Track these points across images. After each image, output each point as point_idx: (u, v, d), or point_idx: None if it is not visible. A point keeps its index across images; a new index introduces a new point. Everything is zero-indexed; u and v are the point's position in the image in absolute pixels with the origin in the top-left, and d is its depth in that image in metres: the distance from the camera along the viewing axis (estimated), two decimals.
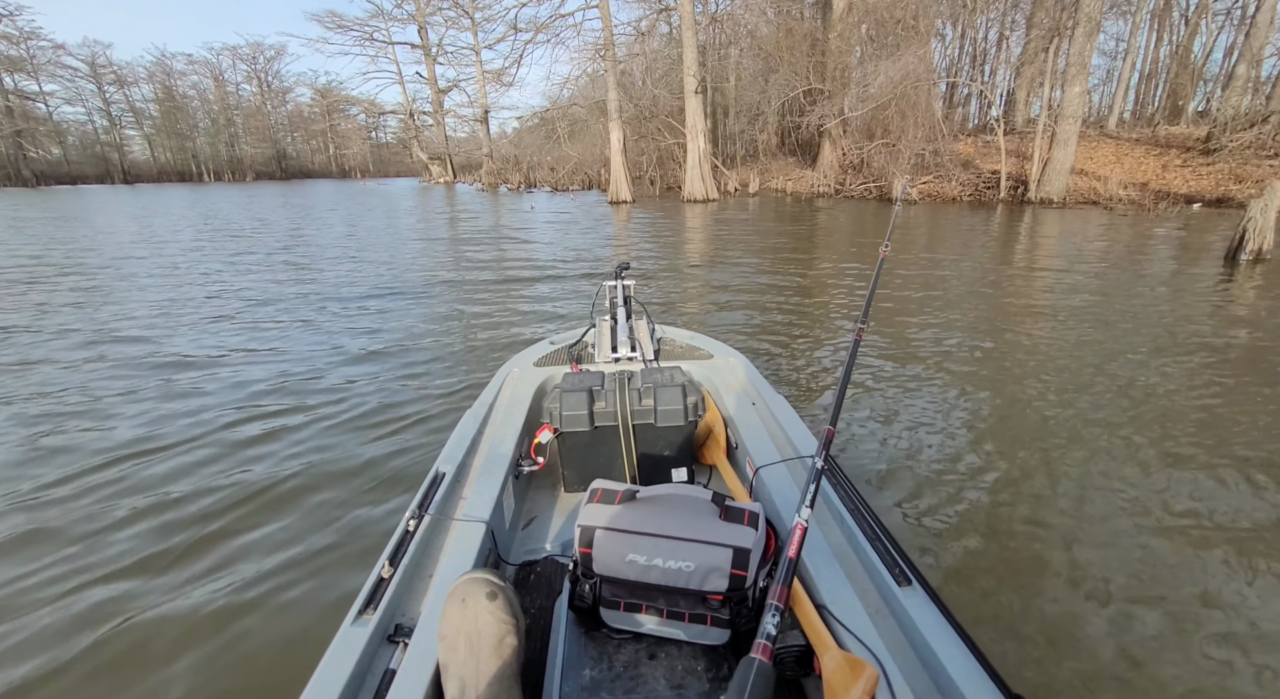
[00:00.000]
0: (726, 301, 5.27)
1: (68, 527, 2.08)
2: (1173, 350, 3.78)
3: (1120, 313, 4.69)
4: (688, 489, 1.12)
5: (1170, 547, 1.90)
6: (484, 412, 1.69)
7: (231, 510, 2.16)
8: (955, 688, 0.81)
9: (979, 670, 0.83)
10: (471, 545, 1.13)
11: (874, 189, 17.19)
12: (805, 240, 9.28)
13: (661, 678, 1.02)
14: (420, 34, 34.41)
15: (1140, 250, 7.78)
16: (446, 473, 1.35)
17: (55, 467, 2.49)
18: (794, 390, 3.27)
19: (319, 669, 0.86)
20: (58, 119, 42.69)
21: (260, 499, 2.23)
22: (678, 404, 1.58)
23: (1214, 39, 21.22)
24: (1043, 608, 1.66)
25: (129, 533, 2.04)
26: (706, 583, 0.99)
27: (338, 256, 8.26)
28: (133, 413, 3.01)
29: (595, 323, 2.24)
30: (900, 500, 2.18)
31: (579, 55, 23.48)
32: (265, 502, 2.21)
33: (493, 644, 0.86)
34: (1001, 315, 4.73)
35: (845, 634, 0.91)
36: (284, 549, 1.94)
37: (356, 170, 55.41)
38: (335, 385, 3.36)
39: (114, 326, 4.65)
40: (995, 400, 3.09)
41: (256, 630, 1.61)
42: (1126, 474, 2.34)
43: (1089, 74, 13.77)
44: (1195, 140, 15.31)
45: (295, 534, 2.02)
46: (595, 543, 1.04)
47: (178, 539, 2.00)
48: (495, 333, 4.41)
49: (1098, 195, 13.73)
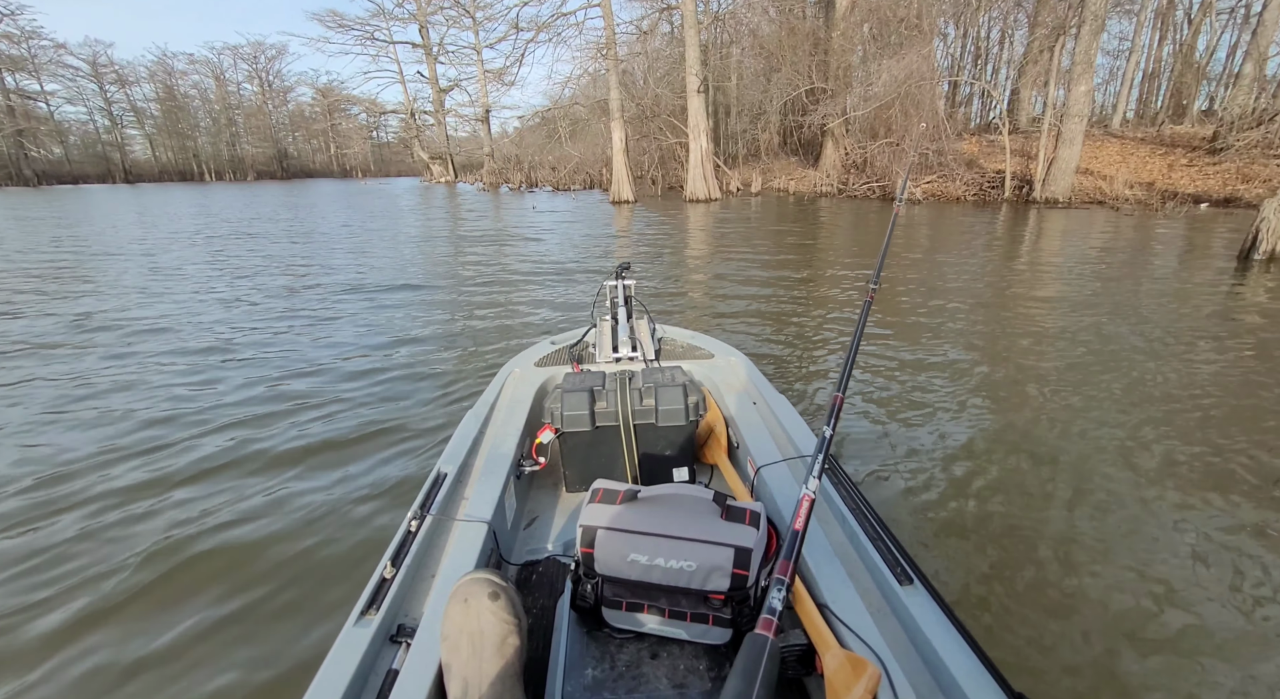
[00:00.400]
0: (730, 303, 5.27)
1: (65, 528, 2.09)
2: (1184, 350, 3.77)
3: (1131, 314, 4.67)
4: (689, 489, 1.13)
5: (1177, 548, 1.90)
6: (485, 412, 1.70)
7: (232, 510, 2.17)
8: (957, 687, 0.81)
9: (981, 669, 0.83)
10: (473, 546, 1.14)
11: (877, 189, 17.16)
12: (808, 240, 9.27)
13: (664, 677, 1.02)
14: (421, 33, 34.50)
15: (1150, 251, 7.73)
16: (448, 473, 1.35)
17: (33, 467, 2.51)
18: (795, 389, 3.27)
19: (322, 669, 0.86)
20: (59, 118, 42.93)
21: (261, 498, 2.24)
22: (679, 404, 1.59)
23: (1217, 38, 21.19)
24: (1045, 607, 1.67)
25: (130, 532, 2.05)
26: (708, 582, 1.00)
27: (342, 256, 8.29)
28: (121, 416, 3.03)
29: (596, 323, 2.25)
30: (902, 499, 2.19)
31: (581, 54, 23.48)
32: (266, 501, 2.23)
33: (495, 644, 0.87)
34: (1009, 315, 4.72)
35: (847, 633, 0.92)
36: (286, 549, 1.95)
37: (357, 170, 55.55)
38: (336, 385, 3.38)
39: (109, 321, 4.67)
40: (1000, 400, 3.09)
41: (258, 631, 1.62)
42: (1136, 476, 2.34)
43: (1095, 72, 13.73)
44: (1201, 139, 15.27)
45: (296, 534, 2.03)
46: (597, 543, 1.04)
47: (178, 539, 2.01)
48: (497, 333, 4.42)
49: (1103, 195, 13.68)
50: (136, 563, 1.89)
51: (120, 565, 1.88)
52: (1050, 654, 1.52)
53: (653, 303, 5.07)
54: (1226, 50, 21.32)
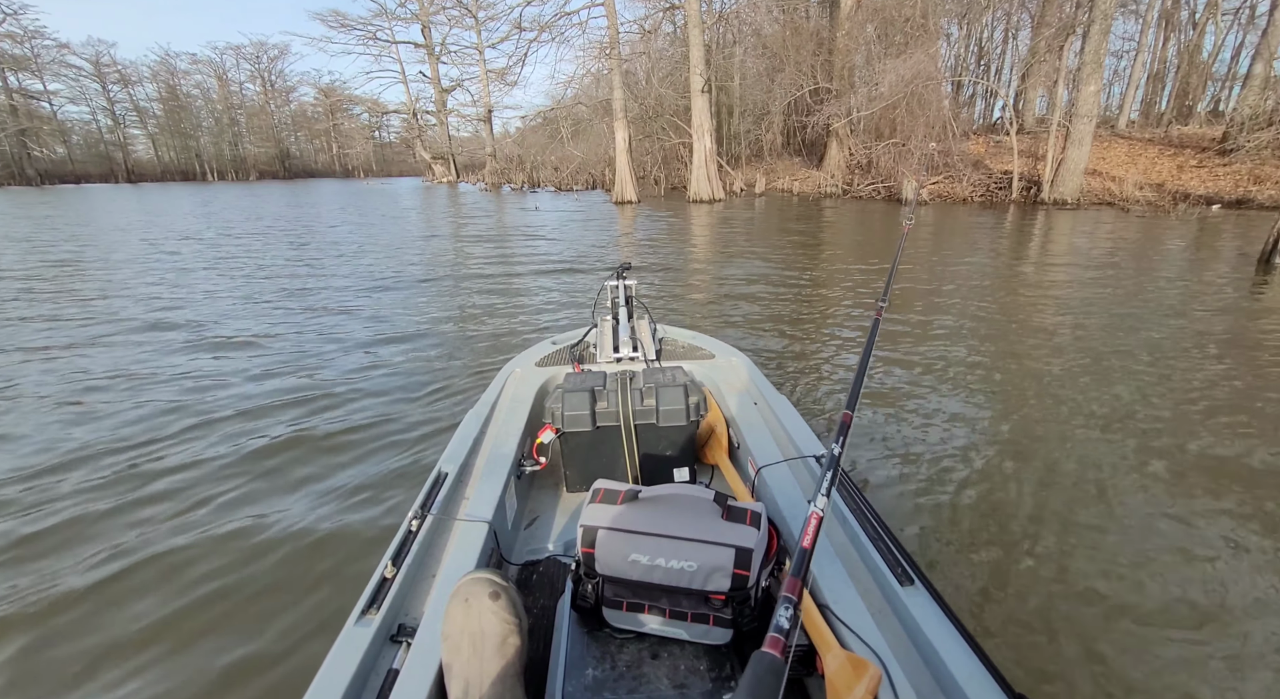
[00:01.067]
0: (738, 306, 5.26)
1: (64, 528, 2.11)
2: (1204, 358, 3.73)
3: (1151, 319, 4.61)
4: (690, 489, 1.13)
5: (1183, 552, 1.90)
6: (486, 412, 1.71)
7: (232, 509, 2.19)
8: (958, 688, 0.81)
9: (982, 670, 0.83)
10: (474, 545, 1.15)
11: (882, 189, 17.12)
12: (814, 240, 9.26)
13: (664, 678, 1.03)
14: (424, 33, 34.61)
15: (1165, 254, 7.65)
16: (449, 473, 1.36)
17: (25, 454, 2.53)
18: (800, 388, 3.27)
19: (322, 669, 0.87)
20: (62, 118, 43.19)
21: (261, 497, 2.26)
22: (680, 404, 1.60)
23: (1223, 38, 21.10)
24: (1047, 608, 1.67)
25: (129, 531, 2.07)
26: (709, 583, 1.01)
27: (341, 256, 8.32)
28: (121, 413, 3.05)
29: (597, 322, 2.26)
30: (903, 499, 2.19)
31: (584, 53, 23.46)
32: (266, 500, 2.24)
33: (496, 644, 0.88)
34: (1017, 317, 4.71)
35: (848, 634, 0.92)
36: (286, 548, 1.96)
37: (360, 170, 55.76)
38: (337, 385, 3.40)
39: (112, 317, 4.71)
40: (1005, 400, 3.09)
41: (258, 630, 1.63)
42: (1143, 478, 2.33)
43: (1104, 72, 13.70)
44: (1210, 140, 15.20)
45: (297, 533, 2.04)
46: (598, 543, 1.05)
47: (177, 539, 2.02)
48: (498, 333, 4.43)
49: (1113, 196, 13.61)
50: (136, 562, 1.90)
51: (120, 565, 1.90)
52: (1052, 655, 1.52)
53: (662, 308, 5.08)
54: (1231, 51, 21.30)
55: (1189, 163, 14.54)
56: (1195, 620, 1.62)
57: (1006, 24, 22.38)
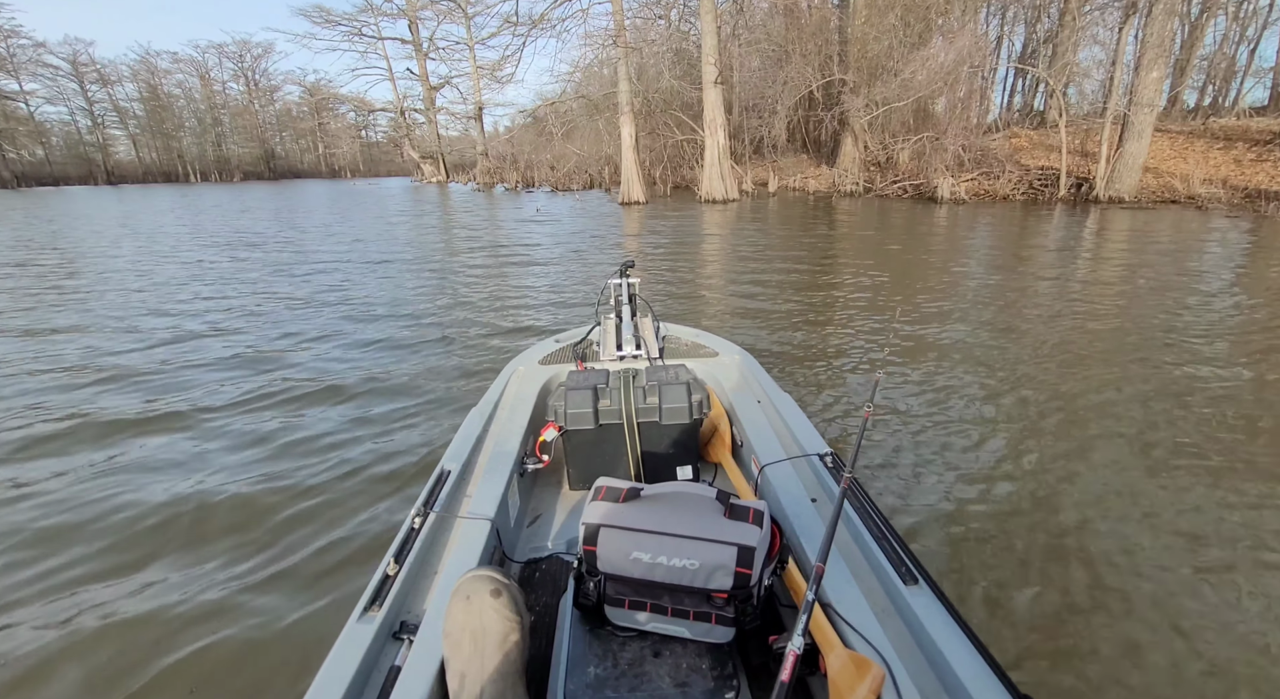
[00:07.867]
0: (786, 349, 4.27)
1: (61, 525, 2.20)
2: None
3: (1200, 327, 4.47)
4: (692, 487, 1.19)
5: (1190, 558, 1.93)
6: (489, 409, 1.79)
7: (234, 509, 2.28)
8: (962, 688, 0.86)
9: (986, 670, 0.88)
10: (476, 543, 1.21)
11: (909, 188, 16.65)
12: (879, 255, 7.83)
13: (666, 675, 1.08)
14: (411, 29, 35.04)
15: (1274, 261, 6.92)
16: (451, 470, 1.44)
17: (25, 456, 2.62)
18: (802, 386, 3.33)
19: (324, 666, 0.93)
20: (40, 118, 44.18)
21: (263, 498, 2.35)
22: (683, 402, 1.66)
23: (1262, 29, 20.87)
24: (1050, 608, 1.72)
25: (129, 530, 2.16)
26: (711, 581, 1.06)
27: (340, 254, 8.45)
28: (122, 410, 3.16)
29: (600, 320, 2.35)
30: (908, 499, 2.25)
31: (589, 42, 23.49)
32: (268, 500, 2.33)
33: (497, 641, 0.93)
34: (1041, 314, 4.72)
35: (851, 633, 0.97)
36: (289, 547, 2.05)
37: (346, 170, 56.59)
38: (338, 385, 3.52)
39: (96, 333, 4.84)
40: (1012, 398, 3.14)
41: (262, 627, 1.71)
42: (1153, 478, 2.37)
43: (1170, 57, 13.00)
44: (1262, 131, 14.85)
45: (298, 532, 2.13)
46: (600, 541, 1.11)
47: (178, 539, 2.12)
48: (500, 332, 4.55)
49: (1175, 193, 13.05)
50: (135, 561, 2.00)
51: (119, 563, 1.99)
52: (1054, 655, 1.57)
53: (662, 305, 5.13)
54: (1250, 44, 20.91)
55: (1244, 156, 14.14)
56: (1201, 626, 1.65)
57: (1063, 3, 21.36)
